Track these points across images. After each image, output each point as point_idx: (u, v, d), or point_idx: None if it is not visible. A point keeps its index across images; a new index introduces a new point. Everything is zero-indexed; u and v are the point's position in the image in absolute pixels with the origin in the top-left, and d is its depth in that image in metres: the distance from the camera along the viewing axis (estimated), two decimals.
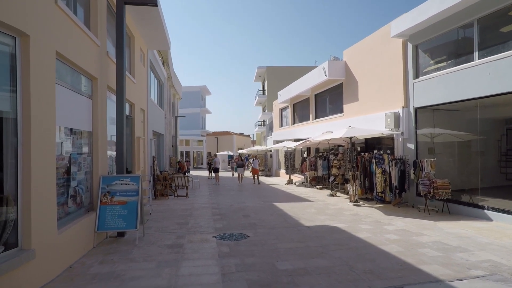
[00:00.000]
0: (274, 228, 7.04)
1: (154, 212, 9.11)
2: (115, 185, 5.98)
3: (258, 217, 8.29)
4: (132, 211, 5.86)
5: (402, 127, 9.81)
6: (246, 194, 13.20)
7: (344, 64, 13.78)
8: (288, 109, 22.52)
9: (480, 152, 8.11)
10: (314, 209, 9.44)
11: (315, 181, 16.42)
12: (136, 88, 9.64)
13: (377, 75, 11.28)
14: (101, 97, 6.11)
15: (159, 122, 15.32)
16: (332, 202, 10.71)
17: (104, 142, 6.29)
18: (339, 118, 14.29)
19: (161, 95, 17.01)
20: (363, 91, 12.32)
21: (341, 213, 8.63)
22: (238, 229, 7.00)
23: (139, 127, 9.95)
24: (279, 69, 33.13)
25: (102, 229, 5.68)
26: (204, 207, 10.00)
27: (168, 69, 19.19)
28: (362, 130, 10.02)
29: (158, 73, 15.20)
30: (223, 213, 8.99)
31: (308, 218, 8.11)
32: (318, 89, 16.55)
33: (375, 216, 8.14)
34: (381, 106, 10.99)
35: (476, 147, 8.35)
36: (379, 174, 10.00)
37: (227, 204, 10.66)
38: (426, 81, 9.04)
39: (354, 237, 6.11)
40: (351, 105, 13.31)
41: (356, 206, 9.69)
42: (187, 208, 9.80)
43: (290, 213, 8.77)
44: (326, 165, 14.95)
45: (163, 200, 11.56)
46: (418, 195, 9.37)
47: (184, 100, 39.46)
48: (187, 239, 6.12)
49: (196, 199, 12.01)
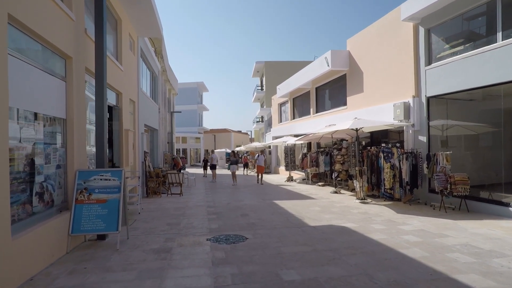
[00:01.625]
0: (276, 229, 6.29)
1: (144, 211, 8.33)
2: (94, 181, 5.19)
3: (257, 217, 7.54)
4: (113, 210, 5.08)
5: (413, 118, 9.06)
6: (244, 192, 12.43)
7: (347, 54, 13.01)
8: (287, 104, 21.75)
9: (503, 145, 7.37)
10: (318, 207, 8.69)
11: (317, 177, 15.69)
12: (124, 77, 8.83)
13: (384, 63, 10.53)
14: (77, 80, 5.31)
15: (152, 116, 14.51)
16: (336, 199, 9.97)
17: (82, 132, 5.50)
18: (343, 111, 13.54)
19: (155, 88, 16.19)
20: (369, 81, 11.57)
21: (348, 212, 7.88)
22: (235, 230, 6.24)
23: (127, 119, 9.15)
24: (277, 64, 32.32)
25: (77, 231, 4.90)
26: (199, 206, 9.23)
27: (162, 62, 18.35)
28: (370, 122, 9.27)
29: (151, 64, 14.37)
30: (219, 212, 8.22)
31: (312, 217, 7.36)
32: (320, 81, 15.77)
33: (386, 214, 7.40)
34: (389, 96, 10.24)
35: (497, 139, 7.61)
36: (388, 169, 9.26)
37: (223, 202, 9.89)
38: (440, 68, 8.29)
39: (367, 239, 5.36)
40: (355, 97, 12.55)
41: (363, 204, 8.95)
42: (180, 207, 9.02)
43: (292, 212, 8.02)
44: (328, 160, 14.21)
45: (155, 198, 10.78)
46: (431, 192, 8.65)
47: (181, 96, 38.61)
48: (177, 242, 5.35)
49: (191, 197, 11.23)
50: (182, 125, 39.69)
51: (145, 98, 12.44)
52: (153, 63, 14.77)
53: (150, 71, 14.74)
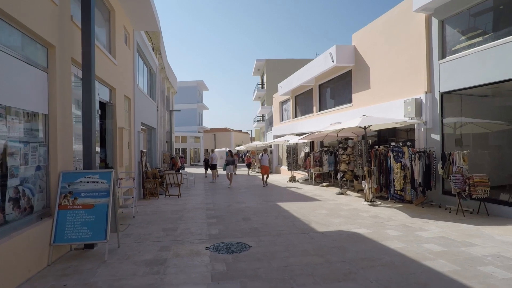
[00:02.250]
0: (281, 235, 5.76)
1: (139, 215, 7.80)
2: (80, 184, 4.66)
3: (260, 221, 7.01)
4: (101, 216, 4.55)
5: (425, 116, 8.53)
6: (245, 193, 11.90)
7: (353, 49, 12.48)
8: (289, 102, 21.21)
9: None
10: (324, 210, 8.16)
11: (320, 178, 15.16)
12: (118, 71, 8.29)
13: (393, 58, 9.98)
14: (62, 71, 4.78)
15: (150, 114, 13.98)
16: (343, 201, 9.44)
17: (68, 129, 4.97)
18: (348, 109, 13.00)
19: (153, 85, 15.65)
20: (376, 77, 11.03)
21: (357, 215, 7.35)
22: (237, 237, 5.71)
23: (122, 116, 8.61)
24: (278, 62, 31.78)
25: (60, 241, 4.36)
26: (198, 208, 8.70)
27: (160, 59, 17.82)
28: (379, 119, 8.74)
29: (149, 60, 13.84)
30: (219, 215, 7.70)
31: (320, 221, 6.83)
32: (323, 78, 15.23)
33: (399, 218, 6.87)
34: (398, 92, 9.70)
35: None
36: (398, 170, 8.73)
37: (224, 204, 9.36)
38: (456, 61, 7.75)
39: (384, 247, 4.83)
40: (361, 94, 12.02)
41: (372, 206, 8.43)
42: (178, 210, 8.49)
43: (297, 215, 7.50)
44: (332, 160, 13.69)
45: (153, 200, 10.25)
46: (445, 193, 8.12)
47: (180, 95, 38.08)
48: (173, 252, 4.82)
49: (190, 198, 10.70)
50: (181, 124, 39.19)
51: (142, 95, 11.91)
52: (151, 59, 14.23)
53: (148, 68, 14.21)
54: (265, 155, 14.84)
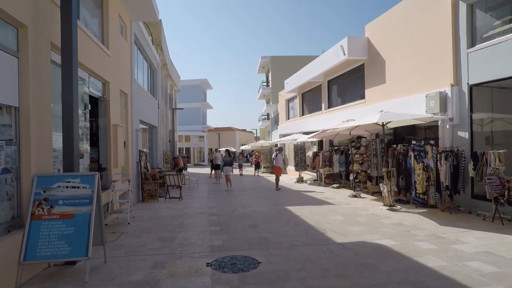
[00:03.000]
0: (295, 247, 4.98)
1: (135, 221, 7.07)
2: (57, 189, 3.93)
3: (269, 228, 6.23)
4: (82, 228, 3.81)
5: (451, 111, 7.69)
6: (251, 196, 11.14)
7: (366, 41, 11.64)
8: (295, 99, 20.41)
9: None
10: (339, 215, 7.37)
11: (330, 178, 14.34)
12: (112, 63, 7.58)
13: (413, 49, 9.14)
14: (36, 56, 4.05)
15: (150, 112, 13.28)
16: (359, 205, 8.63)
17: (46, 125, 4.24)
18: (360, 105, 12.17)
19: (154, 82, 14.96)
20: (393, 71, 10.18)
21: (378, 222, 6.55)
22: (243, 249, 4.95)
23: (117, 112, 7.90)
24: (284, 59, 30.96)
25: (32, 258, 3.64)
26: (200, 213, 7.95)
27: (162, 55, 17.13)
28: (400, 115, 7.89)
29: (149, 55, 13.13)
30: (223, 222, 6.94)
31: (336, 229, 6.05)
32: (333, 73, 14.40)
33: (427, 227, 6.05)
34: (418, 86, 8.86)
35: None
36: (420, 171, 7.91)
37: (228, 208, 8.61)
38: (487, 49, 6.90)
39: (420, 266, 4.03)
40: (375, 89, 11.18)
41: (393, 211, 7.61)
42: (178, 215, 7.76)
43: (310, 222, 6.71)
44: (343, 160, 12.87)
45: (152, 203, 9.53)
46: (475, 198, 7.28)
47: (184, 93, 37.46)
48: (168, 270, 4.08)
49: (192, 201, 9.97)
50: (185, 123, 38.56)
51: (141, 91, 11.21)
52: (151, 54, 13.53)
53: (148, 63, 13.51)
54: (279, 154, 13.14)
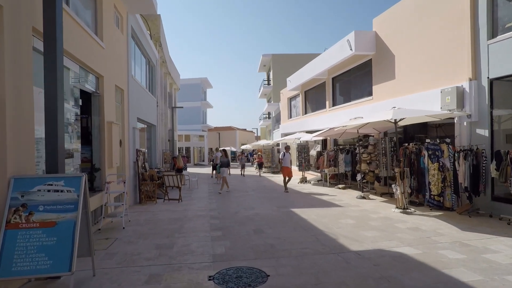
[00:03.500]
0: (306, 256, 4.49)
1: (131, 225, 6.58)
2: (37, 194, 3.44)
3: (276, 234, 5.74)
4: (65, 238, 3.32)
5: (469, 107, 7.18)
6: (254, 197, 10.64)
7: (373, 35, 11.13)
8: (298, 97, 19.92)
9: None
10: (350, 219, 6.87)
11: (335, 179, 13.85)
12: (106, 57, 7.08)
13: (425, 42, 8.64)
14: (13, 41, 3.55)
15: (149, 110, 12.79)
16: (368, 207, 8.13)
17: (25, 120, 3.74)
18: (367, 103, 11.67)
19: (152, 79, 14.47)
20: (403, 65, 9.68)
21: (393, 227, 6.05)
22: (248, 258, 4.46)
23: (112, 109, 7.40)
24: (285, 57, 30.43)
25: (7, 274, 3.14)
26: (200, 216, 7.46)
27: (161, 51, 16.64)
28: (415, 111, 7.37)
29: (147, 51, 12.63)
30: (225, 226, 6.44)
31: (349, 235, 5.55)
32: (338, 70, 13.90)
33: (448, 232, 5.56)
34: (432, 81, 8.36)
35: None
36: (435, 171, 7.42)
37: (230, 210, 8.12)
38: (511, 40, 6.41)
39: (453, 280, 3.54)
40: (383, 86, 10.68)
41: (406, 215, 7.11)
42: (177, 218, 7.26)
43: (320, 226, 6.22)
44: (349, 159, 12.38)
45: (149, 205, 9.04)
46: (495, 200, 6.78)
47: (184, 92, 36.98)
48: (165, 284, 3.58)
49: (192, 202, 9.47)
50: (185, 123, 38.07)
51: (139, 87, 10.71)
52: (150, 50, 13.03)
53: (146, 59, 13.02)
54: (287, 153, 12.17)
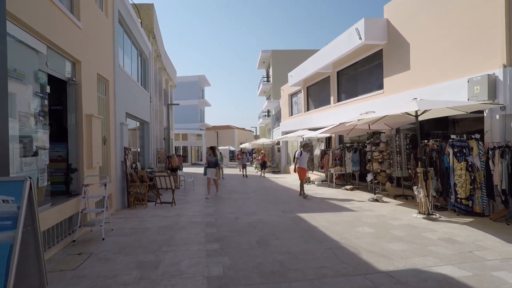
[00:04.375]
0: (325, 279, 3.55)
1: (113, 234, 5.62)
2: None
3: (284, 247, 4.80)
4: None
5: (503, 97, 6.26)
6: (255, 200, 9.69)
7: (385, 23, 10.20)
8: (300, 94, 18.99)
9: None
10: (367, 226, 5.94)
11: (341, 179, 12.93)
12: (85, 40, 6.11)
13: (447, 27, 7.72)
14: None
15: (141, 105, 11.82)
16: (385, 212, 7.20)
17: None
18: (377, 97, 10.75)
19: (145, 72, 13.49)
20: (419, 55, 8.76)
21: (421, 237, 5.13)
22: (253, 283, 3.52)
23: (91, 100, 6.43)
24: (285, 53, 29.50)
25: None
26: (195, 223, 6.50)
27: (155, 43, 15.67)
28: (446, 102, 6.41)
29: (139, 41, 11.65)
30: (223, 236, 5.49)
31: (372, 248, 4.62)
32: (344, 63, 12.98)
33: (491, 245, 4.64)
34: (457, 70, 7.44)
35: None
36: (462, 171, 6.52)
37: (229, 216, 7.17)
38: None
39: None
40: (396, 78, 9.75)
41: (432, 221, 6.19)
42: (168, 225, 6.30)
43: (334, 236, 5.29)
44: (357, 158, 11.48)
45: (139, 210, 8.07)
46: None
47: (181, 90, 36.00)
48: None
49: (186, 206, 8.52)
50: (182, 121, 37.10)
51: (128, 80, 9.74)
52: (142, 41, 12.05)
53: (138, 50, 12.03)
54: (304, 153, 10.13)
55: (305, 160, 10.16)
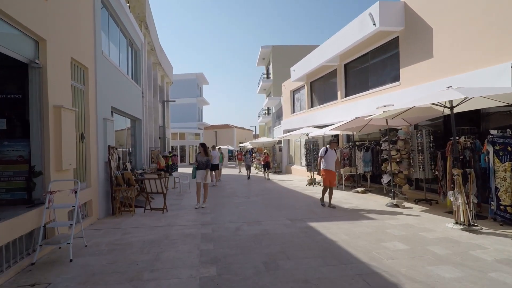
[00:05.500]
0: None
1: (86, 253, 4.53)
2: None
3: (300, 272, 3.73)
4: None
5: None
6: (257, 203, 8.62)
7: (402, 7, 9.14)
8: (303, 89, 17.93)
9: None
10: (397, 240, 4.88)
11: (350, 180, 11.87)
12: (52, 13, 5.02)
13: (481, 4, 6.66)
14: None
15: (131, 100, 10.73)
16: (412, 220, 6.14)
17: None
18: (392, 90, 9.71)
19: (137, 65, 12.38)
20: (445, 40, 7.71)
21: (471, 257, 4.06)
22: None
23: (63, 89, 5.34)
24: (286, 49, 28.36)
25: None
26: (188, 236, 5.42)
27: (148, 35, 14.59)
28: (484, 90, 5.35)
29: (129, 30, 10.55)
30: (222, 255, 4.41)
31: (415, 275, 3.55)
32: (353, 54, 11.92)
33: None
34: (494, 54, 6.38)
35: None
36: (506, 173, 5.47)
37: (229, 226, 6.09)
38: None
39: None
40: (416, 67, 8.70)
41: (473, 234, 5.13)
42: (155, 240, 5.22)
43: (360, 256, 4.22)
44: (369, 158, 10.42)
45: (125, 218, 6.99)
46: None
47: (178, 88, 34.96)
48: None
49: (180, 213, 7.43)
50: (180, 120, 36.03)
51: (115, 70, 8.64)
52: (132, 29, 10.94)
53: (128, 40, 10.93)
54: (331, 150, 7.92)
55: (332, 160, 7.84)
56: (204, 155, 8.23)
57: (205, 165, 8.19)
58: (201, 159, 8.22)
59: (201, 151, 8.32)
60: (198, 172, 8.25)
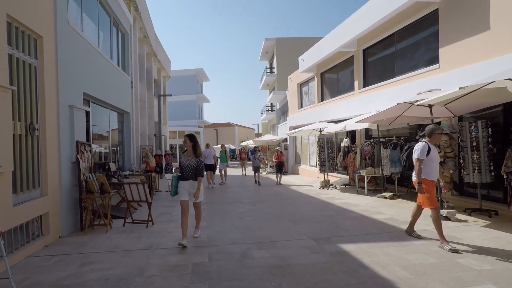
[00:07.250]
0: None
1: None
2: None
3: None
4: None
5: None
6: (267, 214, 6.94)
7: None
8: (312, 82, 16.23)
9: None
10: (487, 280, 3.19)
11: (371, 183, 10.16)
12: None
13: None
14: None
15: (117, 90, 9.10)
16: (481, 241, 4.44)
17: None
18: (429, 74, 8.02)
19: (124, 50, 10.73)
20: (506, 8, 6.01)
21: None
22: None
23: None
24: (291, 41, 26.61)
25: None
26: (173, 268, 3.75)
27: (139, 19, 12.95)
28: None
29: (112, 7, 8.89)
30: None
31: None
32: (374, 37, 10.26)
33: None
34: None
35: None
36: None
37: (232, 249, 4.42)
38: None
39: None
40: (461, 45, 7.00)
41: None
42: (125, 276, 3.54)
43: None
44: (398, 157, 8.73)
45: (96, 234, 5.33)
46: None
47: (177, 85, 33.30)
48: None
49: (168, 228, 5.76)
50: (179, 118, 34.42)
51: (88, 48, 6.97)
52: (117, 8, 9.28)
53: (111, 18, 9.26)
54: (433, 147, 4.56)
55: (437, 163, 4.63)
56: (193, 154, 4.95)
57: (194, 171, 4.89)
58: (187, 161, 4.93)
59: (188, 148, 4.99)
60: (181, 184, 4.92)
